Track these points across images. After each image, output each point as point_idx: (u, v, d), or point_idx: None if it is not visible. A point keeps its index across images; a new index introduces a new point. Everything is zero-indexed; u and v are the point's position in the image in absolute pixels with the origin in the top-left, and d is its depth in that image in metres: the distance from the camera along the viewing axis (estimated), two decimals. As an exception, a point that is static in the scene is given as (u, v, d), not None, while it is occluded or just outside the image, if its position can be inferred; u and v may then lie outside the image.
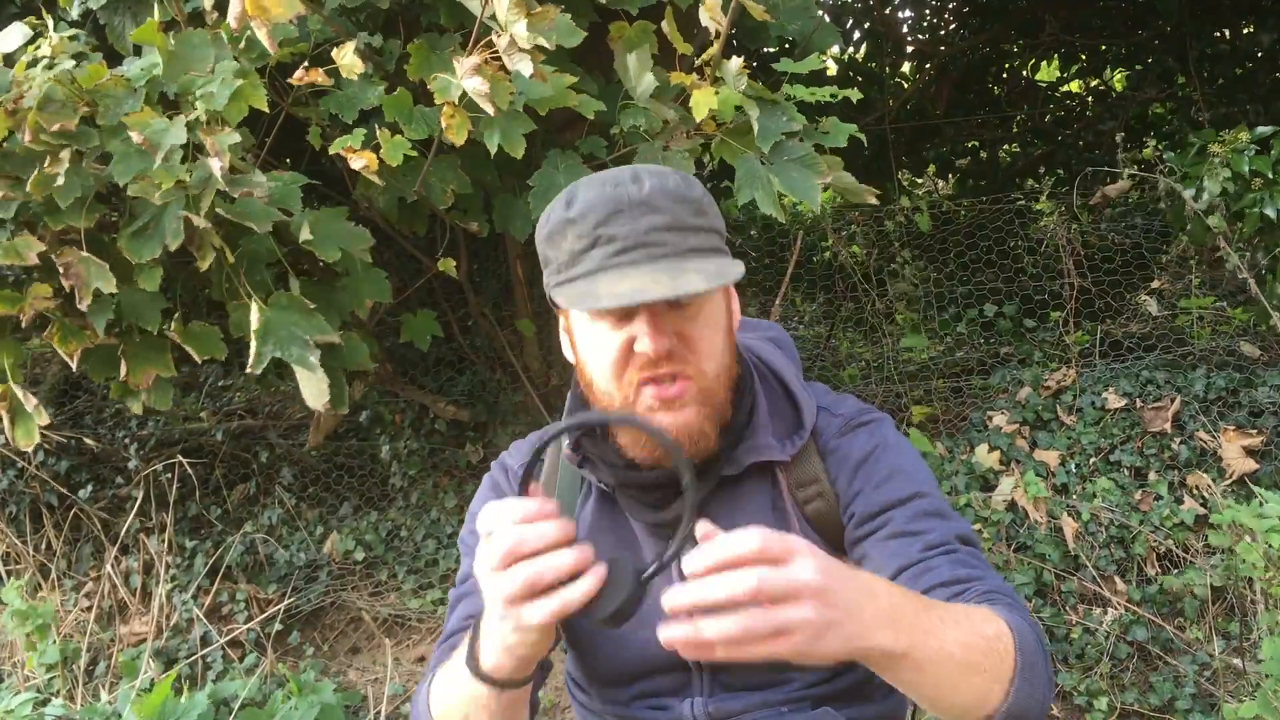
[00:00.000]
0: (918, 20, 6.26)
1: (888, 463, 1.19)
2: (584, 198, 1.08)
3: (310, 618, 3.59)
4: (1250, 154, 3.25)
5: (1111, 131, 5.37)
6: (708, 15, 2.03)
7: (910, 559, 1.11)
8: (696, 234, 1.08)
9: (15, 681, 3.35)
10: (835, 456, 1.21)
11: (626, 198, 1.06)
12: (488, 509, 0.92)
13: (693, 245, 1.07)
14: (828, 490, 1.20)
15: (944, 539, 1.13)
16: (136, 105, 2.03)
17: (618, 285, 1.02)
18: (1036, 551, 3.07)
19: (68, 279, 2.09)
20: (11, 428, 2.33)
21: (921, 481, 1.19)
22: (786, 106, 2.22)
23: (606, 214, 1.06)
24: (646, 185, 1.07)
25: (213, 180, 2.00)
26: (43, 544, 3.80)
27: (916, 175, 6.43)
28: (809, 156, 2.18)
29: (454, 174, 2.41)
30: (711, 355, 1.11)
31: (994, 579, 1.11)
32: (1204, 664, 2.79)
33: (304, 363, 2.18)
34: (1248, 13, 5.39)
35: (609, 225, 1.05)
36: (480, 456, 3.79)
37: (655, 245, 1.05)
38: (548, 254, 1.12)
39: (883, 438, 1.22)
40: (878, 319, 4.15)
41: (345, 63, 2.03)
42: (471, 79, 1.89)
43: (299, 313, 2.23)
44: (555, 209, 1.11)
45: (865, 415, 1.25)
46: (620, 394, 1.10)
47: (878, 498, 1.17)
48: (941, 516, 1.16)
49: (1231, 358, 3.54)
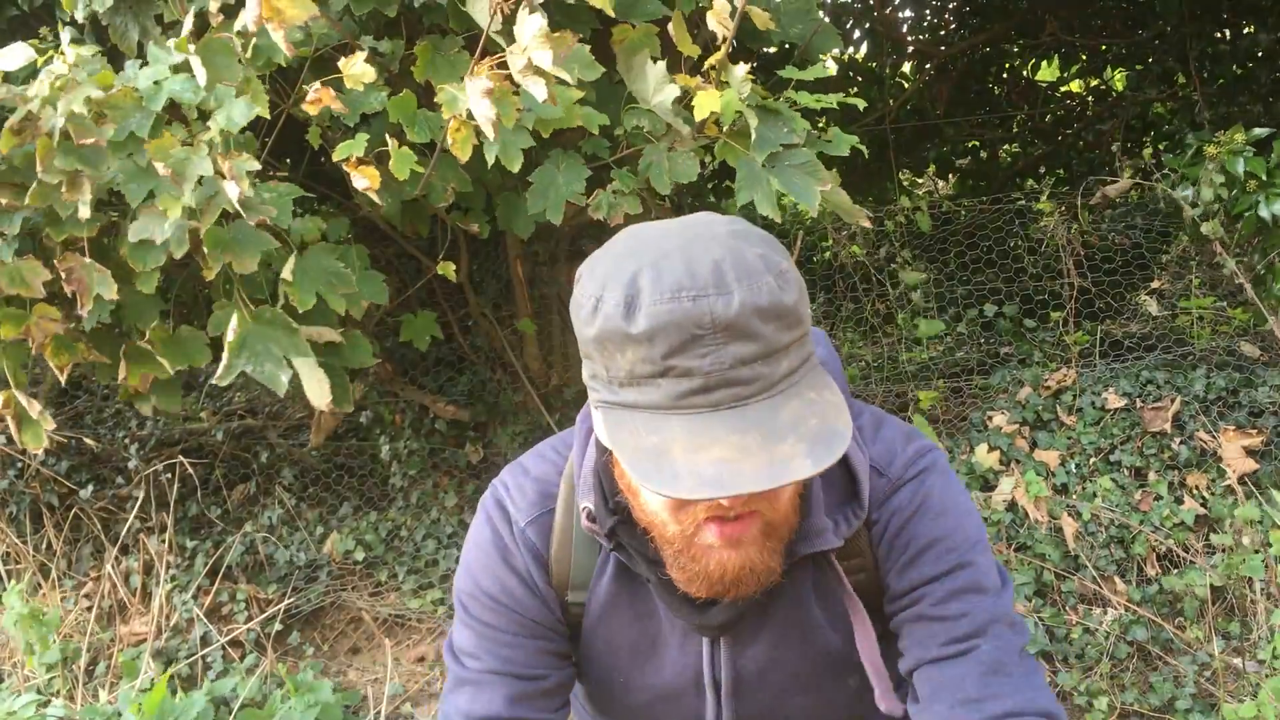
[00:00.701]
0: (918, 20, 6.26)
1: (925, 532, 1.06)
2: (650, 309, 0.83)
3: (310, 618, 3.59)
4: (1247, 155, 3.25)
5: (1112, 131, 5.38)
6: (715, 20, 2.03)
7: (928, 655, 1.03)
8: (788, 354, 0.86)
9: (15, 682, 3.35)
10: (878, 526, 1.08)
11: (710, 319, 0.82)
12: None
13: (784, 371, 0.86)
14: (869, 563, 1.09)
15: (974, 628, 1.02)
16: (147, 120, 2.02)
17: (698, 455, 0.82)
18: (1036, 551, 3.07)
19: (70, 284, 2.08)
20: (19, 432, 2.33)
21: (964, 548, 1.05)
22: (789, 115, 2.22)
23: (682, 341, 0.82)
24: (735, 301, 0.82)
25: (219, 198, 1.99)
26: (43, 544, 3.80)
27: (917, 175, 6.44)
28: (811, 164, 2.19)
29: (455, 173, 2.41)
30: (791, 489, 0.95)
31: (1018, 690, 1.00)
32: (1204, 664, 2.79)
33: (274, 381, 2.17)
34: (1248, 13, 5.39)
35: (685, 357, 0.82)
36: (480, 456, 3.79)
37: (742, 384, 0.83)
38: (593, 354, 0.89)
39: (925, 494, 1.07)
40: (878, 319, 4.15)
41: (354, 73, 2.02)
42: (481, 102, 1.88)
43: (281, 329, 2.20)
44: (608, 306, 0.85)
45: (911, 468, 1.09)
46: (678, 530, 0.94)
47: (911, 575, 1.06)
48: (979, 590, 1.04)
49: (1231, 358, 3.54)
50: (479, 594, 1.12)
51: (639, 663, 1.15)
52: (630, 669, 1.15)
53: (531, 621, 1.11)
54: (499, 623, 1.11)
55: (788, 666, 1.12)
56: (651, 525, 0.97)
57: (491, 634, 1.11)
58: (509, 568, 1.11)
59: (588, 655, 1.17)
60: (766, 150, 2.19)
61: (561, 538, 1.10)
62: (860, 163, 5.35)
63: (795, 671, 1.13)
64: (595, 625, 1.14)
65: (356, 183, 2.07)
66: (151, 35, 2.39)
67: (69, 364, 2.30)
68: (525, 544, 1.11)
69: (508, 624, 1.11)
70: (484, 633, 1.12)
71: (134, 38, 2.41)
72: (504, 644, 1.11)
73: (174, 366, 2.35)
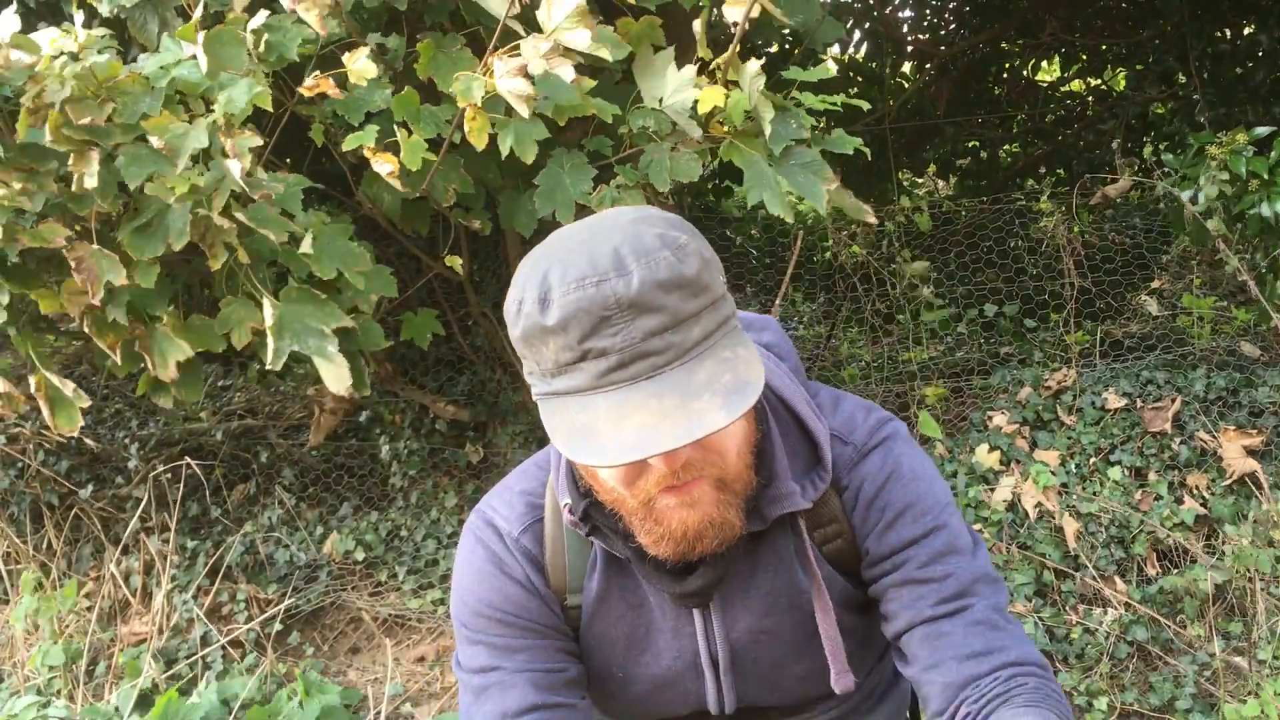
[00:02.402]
0: (918, 20, 6.26)
1: (900, 496, 1.10)
2: (561, 300, 0.89)
3: (310, 618, 3.59)
4: (1249, 155, 3.25)
5: (1112, 131, 5.38)
6: (735, 9, 2.02)
7: (920, 615, 1.06)
8: (698, 320, 0.91)
9: (15, 681, 3.35)
10: (849, 492, 1.13)
11: (614, 299, 0.88)
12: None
13: (697, 337, 0.91)
14: (845, 528, 1.13)
15: (959, 589, 1.06)
16: (155, 105, 2.03)
17: (621, 424, 0.88)
18: (1037, 551, 3.07)
19: (79, 273, 2.09)
20: (52, 415, 2.33)
21: (935, 510, 1.10)
22: (796, 113, 2.22)
23: (592, 324, 0.88)
24: (635, 280, 0.88)
25: (227, 181, 2.00)
26: (43, 544, 3.80)
27: (917, 175, 6.44)
28: (816, 163, 2.19)
29: (456, 173, 2.41)
30: (733, 445, 0.99)
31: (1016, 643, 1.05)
32: (1204, 664, 2.79)
33: (322, 353, 2.18)
34: (1248, 13, 5.39)
35: (597, 337, 0.88)
36: (480, 456, 3.79)
37: (656, 354, 0.89)
38: (524, 353, 0.96)
39: (895, 461, 1.12)
40: (878, 319, 4.15)
41: (357, 68, 2.02)
42: (513, 80, 1.88)
43: (311, 303, 2.22)
44: (526, 306, 0.92)
45: (875, 435, 1.14)
46: (635, 500, 0.99)
47: (890, 538, 1.10)
48: (956, 552, 1.09)
49: (1232, 358, 3.54)
50: (482, 609, 1.13)
51: (635, 653, 1.16)
52: (627, 661, 1.17)
53: (539, 625, 1.13)
54: (508, 632, 1.13)
55: (780, 635, 1.14)
56: (614, 502, 1.02)
57: (503, 643, 1.12)
58: (508, 578, 1.13)
59: (586, 653, 1.18)
60: (782, 144, 2.18)
61: (554, 544, 1.13)
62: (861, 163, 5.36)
63: (788, 640, 1.14)
64: (590, 622, 1.15)
65: (378, 168, 2.08)
66: (171, 27, 2.40)
67: (118, 341, 2.30)
68: (521, 551, 1.13)
69: (517, 631, 1.13)
70: (495, 644, 1.13)
71: (154, 30, 2.41)
72: (518, 649, 1.12)
73: (195, 349, 2.35)
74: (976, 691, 1.02)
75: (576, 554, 1.13)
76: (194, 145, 1.94)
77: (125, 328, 2.28)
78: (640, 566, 1.09)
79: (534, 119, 2.07)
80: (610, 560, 1.13)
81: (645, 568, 1.09)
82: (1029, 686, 1.00)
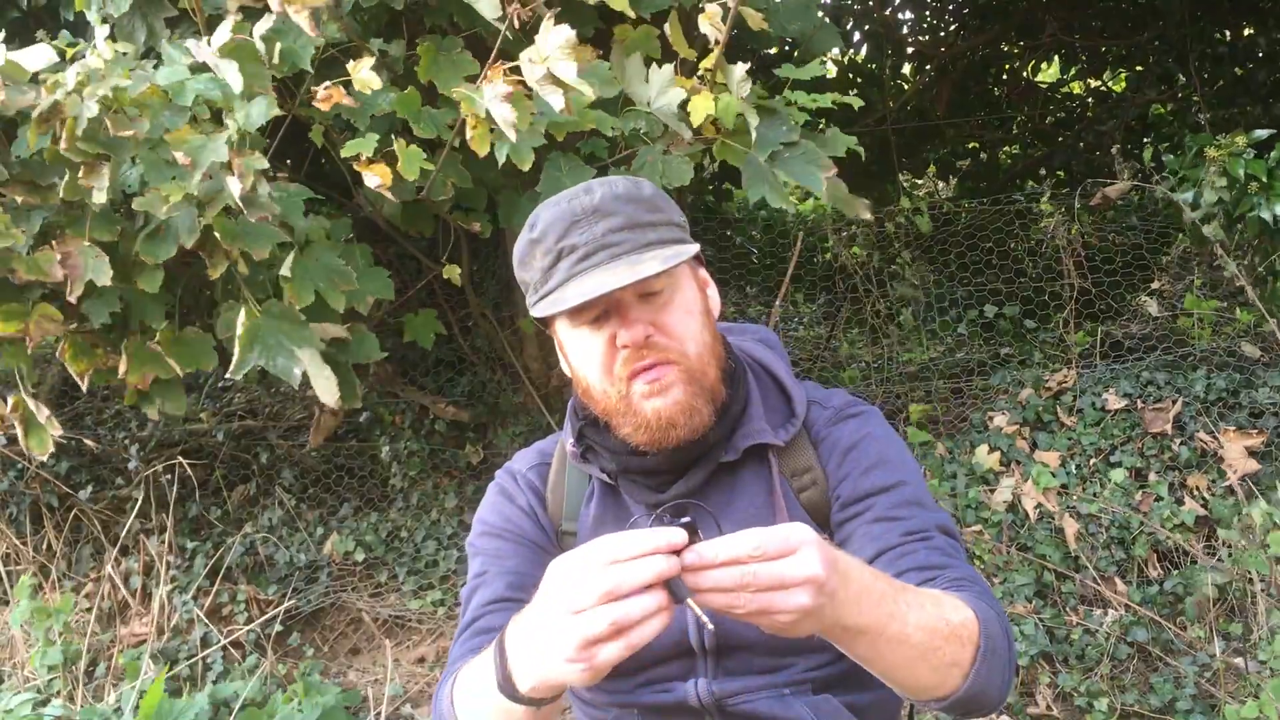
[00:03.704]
0: (918, 21, 6.26)
1: (874, 451, 1.25)
2: (544, 218, 1.16)
3: (310, 619, 3.59)
4: (1248, 158, 3.25)
5: (1112, 132, 5.38)
6: (707, 23, 2.04)
7: (889, 543, 1.17)
8: (654, 228, 1.15)
9: (15, 682, 3.35)
10: (826, 443, 1.27)
11: (581, 208, 1.14)
12: (586, 549, 0.88)
13: (651, 239, 1.14)
14: (819, 476, 1.26)
15: (923, 526, 1.19)
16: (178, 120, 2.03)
17: (583, 286, 1.10)
18: (1037, 551, 3.07)
19: (64, 268, 2.08)
20: (25, 437, 2.33)
21: (905, 471, 1.24)
22: (789, 113, 2.22)
23: (565, 227, 1.14)
24: (597, 194, 1.14)
25: (223, 195, 2.00)
26: (43, 545, 3.80)
27: (917, 177, 6.44)
28: (811, 152, 2.20)
29: (455, 170, 2.41)
30: (690, 337, 1.17)
31: (965, 568, 1.17)
32: (1204, 665, 2.79)
33: (287, 374, 2.18)
34: (1248, 13, 5.39)
35: (569, 237, 1.13)
36: (480, 457, 3.79)
37: (615, 245, 1.12)
38: (523, 278, 1.20)
39: (871, 428, 1.28)
40: (878, 320, 4.15)
41: (362, 78, 2.03)
42: (501, 106, 1.90)
43: (290, 322, 2.21)
44: (521, 235, 1.18)
45: (854, 407, 1.31)
46: (614, 390, 1.17)
47: (864, 483, 1.22)
48: (921, 505, 1.22)
49: (1232, 358, 3.54)
50: (486, 529, 1.32)
51: None
52: None
53: (529, 540, 1.31)
54: (501, 544, 1.31)
55: None
56: (597, 400, 1.19)
57: (493, 550, 1.31)
58: (513, 504, 1.34)
59: None
60: (767, 150, 2.19)
61: (556, 479, 1.35)
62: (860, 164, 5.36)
63: None
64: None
65: (368, 181, 2.08)
66: (159, 36, 2.40)
67: (89, 369, 2.30)
68: (526, 483, 1.35)
69: (508, 542, 1.31)
70: (488, 552, 1.30)
71: (141, 38, 2.41)
72: (506, 556, 1.30)
73: (183, 368, 2.35)
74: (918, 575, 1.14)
75: (575, 487, 1.33)
76: (213, 158, 1.95)
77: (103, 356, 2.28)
78: (624, 482, 1.26)
79: (532, 131, 2.09)
80: (605, 490, 1.30)
81: (629, 483, 1.26)
82: (971, 590, 1.11)
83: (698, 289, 1.22)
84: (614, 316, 1.14)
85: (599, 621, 0.84)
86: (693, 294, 1.20)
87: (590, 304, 1.12)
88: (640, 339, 1.13)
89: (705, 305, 1.23)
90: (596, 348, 1.16)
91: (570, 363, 1.23)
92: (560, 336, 1.23)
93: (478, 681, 1.06)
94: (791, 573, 0.87)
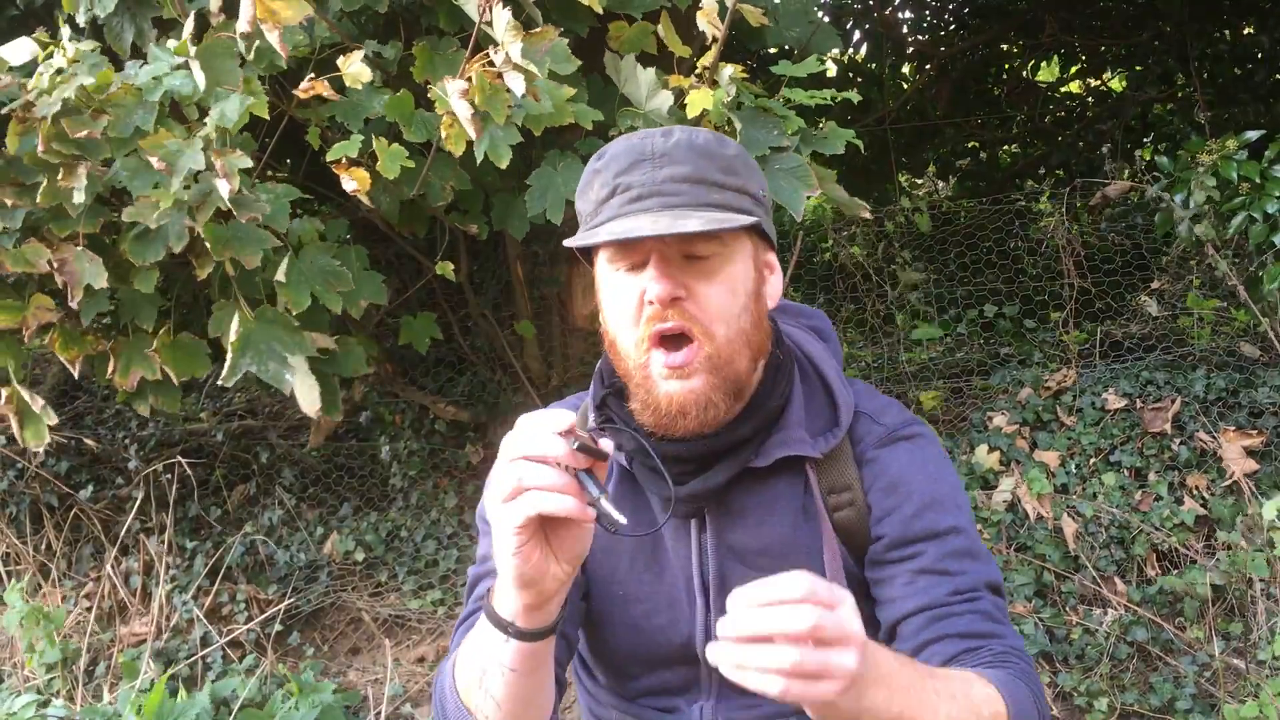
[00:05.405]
0: (918, 21, 6.26)
1: (928, 489, 1.15)
2: (612, 150, 1.10)
3: (310, 618, 3.59)
4: (1241, 158, 3.24)
5: (1111, 131, 5.38)
6: (705, 20, 2.03)
7: (934, 600, 1.09)
8: (721, 191, 1.06)
9: (15, 682, 3.35)
10: (873, 467, 1.17)
11: (650, 149, 1.07)
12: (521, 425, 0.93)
13: (714, 200, 1.05)
14: (860, 501, 1.16)
15: (973, 585, 1.10)
16: (149, 116, 2.02)
17: (617, 225, 1.04)
18: (1036, 551, 3.07)
19: (61, 275, 2.09)
20: (20, 429, 2.33)
21: (959, 515, 1.15)
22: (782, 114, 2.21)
23: (628, 164, 1.07)
24: (674, 138, 1.07)
25: (213, 197, 2.00)
26: (43, 544, 3.80)
27: (916, 176, 6.44)
28: (800, 168, 2.18)
29: (452, 172, 2.41)
30: (723, 317, 1.07)
31: (1011, 637, 1.09)
32: (1204, 664, 2.79)
33: (279, 380, 2.18)
34: (1248, 13, 5.39)
35: (628, 174, 1.06)
36: (480, 457, 3.79)
37: (671, 195, 1.04)
38: (579, 207, 1.14)
39: (924, 457, 1.18)
40: (878, 320, 4.15)
41: (351, 72, 2.02)
42: (460, 102, 1.90)
43: (284, 328, 2.21)
44: (590, 163, 1.13)
45: (909, 428, 1.20)
46: (636, 353, 1.08)
47: (914, 526, 1.13)
48: (973, 557, 1.13)
49: (1231, 358, 3.54)
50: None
51: (637, 570, 1.21)
52: (629, 578, 1.21)
53: None
54: None
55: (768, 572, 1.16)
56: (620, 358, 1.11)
57: None
58: None
59: (592, 566, 1.21)
60: (755, 153, 2.19)
61: None
62: (860, 163, 5.36)
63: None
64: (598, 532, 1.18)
65: (345, 185, 2.08)
66: (147, 37, 2.39)
67: (79, 356, 2.30)
68: None
69: None
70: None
71: (128, 39, 2.41)
72: None
73: (178, 375, 2.35)
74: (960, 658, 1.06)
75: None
76: (190, 165, 1.94)
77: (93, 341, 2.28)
78: (640, 470, 1.17)
79: (509, 126, 2.07)
80: (624, 477, 1.21)
81: (644, 471, 1.16)
82: (1013, 668, 1.03)
83: (755, 270, 1.12)
84: (653, 268, 1.05)
85: (507, 481, 0.90)
86: (745, 272, 1.09)
87: (627, 247, 1.05)
88: (666, 297, 1.04)
89: (757, 289, 1.12)
90: (627, 296, 1.07)
91: (602, 307, 1.15)
92: (598, 275, 1.14)
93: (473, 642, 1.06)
94: (849, 625, 0.80)
